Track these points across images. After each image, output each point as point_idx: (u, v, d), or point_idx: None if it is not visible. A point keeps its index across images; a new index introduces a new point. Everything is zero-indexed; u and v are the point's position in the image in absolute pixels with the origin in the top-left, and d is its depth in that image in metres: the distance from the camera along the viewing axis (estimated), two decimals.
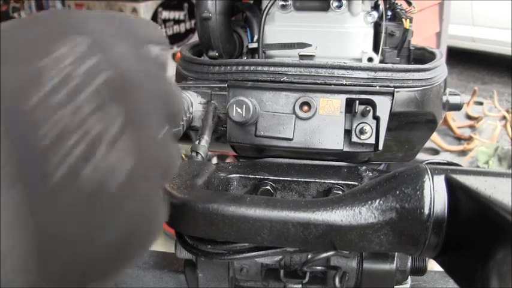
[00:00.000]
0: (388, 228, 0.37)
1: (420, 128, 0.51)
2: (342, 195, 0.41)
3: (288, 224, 0.39)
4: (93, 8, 4.08)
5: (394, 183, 0.38)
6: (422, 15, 2.63)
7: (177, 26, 4.02)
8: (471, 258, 0.35)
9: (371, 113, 0.47)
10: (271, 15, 0.55)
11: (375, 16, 0.55)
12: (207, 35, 0.55)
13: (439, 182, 0.37)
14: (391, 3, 0.57)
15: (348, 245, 0.39)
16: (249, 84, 0.48)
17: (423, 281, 0.67)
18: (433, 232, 0.36)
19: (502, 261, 0.31)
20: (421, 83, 0.47)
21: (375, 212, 0.38)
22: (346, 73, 0.47)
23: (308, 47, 0.54)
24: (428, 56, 0.56)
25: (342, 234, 0.38)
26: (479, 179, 0.35)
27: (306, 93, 0.47)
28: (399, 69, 0.47)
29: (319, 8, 0.55)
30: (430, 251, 0.37)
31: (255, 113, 0.47)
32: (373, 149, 0.47)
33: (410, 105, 0.47)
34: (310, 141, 0.47)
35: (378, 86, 0.46)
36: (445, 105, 0.54)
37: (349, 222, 0.38)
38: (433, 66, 0.48)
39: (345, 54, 0.55)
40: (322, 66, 0.47)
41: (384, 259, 0.51)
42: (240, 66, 0.48)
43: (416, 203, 0.36)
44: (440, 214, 0.36)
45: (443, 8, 2.88)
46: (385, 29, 0.55)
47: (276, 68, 0.47)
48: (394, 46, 0.56)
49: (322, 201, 0.40)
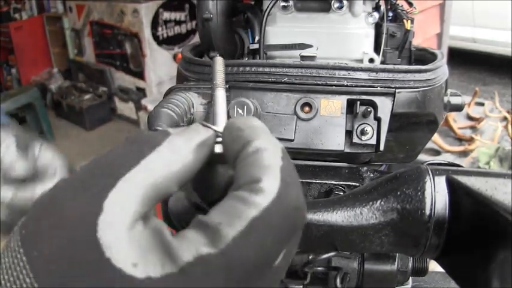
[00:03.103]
0: (389, 229, 0.37)
1: (421, 129, 0.51)
2: (343, 196, 0.41)
3: None
4: (93, 8, 4.07)
5: (395, 184, 0.38)
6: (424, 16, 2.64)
7: (178, 26, 4.03)
8: (472, 259, 0.35)
9: (372, 113, 0.47)
10: (273, 16, 0.55)
11: (376, 17, 0.55)
12: (208, 36, 0.55)
13: (440, 183, 0.37)
14: (392, 4, 0.57)
15: (349, 245, 0.39)
16: (250, 85, 0.48)
17: (424, 281, 0.67)
18: (434, 233, 0.36)
19: (503, 262, 0.31)
20: (422, 84, 0.47)
21: (376, 212, 0.38)
22: (347, 74, 0.47)
23: (309, 47, 0.54)
24: (430, 56, 0.56)
25: (343, 235, 0.38)
26: (480, 180, 0.35)
27: (307, 94, 0.47)
28: (400, 70, 0.47)
29: (320, 8, 0.55)
30: (431, 251, 0.37)
31: (256, 114, 0.47)
32: (374, 150, 0.47)
33: (412, 106, 0.47)
34: (311, 142, 0.47)
35: (379, 87, 0.46)
36: (446, 106, 0.54)
37: (350, 223, 0.38)
38: (434, 67, 0.48)
39: (346, 55, 0.55)
40: (323, 67, 0.47)
41: (385, 260, 0.51)
42: (241, 67, 0.48)
43: (418, 204, 0.36)
44: (442, 215, 0.36)
45: (444, 9, 2.88)
46: (386, 29, 0.55)
47: (277, 69, 0.47)
48: (395, 47, 0.56)
49: (324, 202, 0.40)
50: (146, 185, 0.23)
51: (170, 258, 0.21)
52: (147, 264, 0.21)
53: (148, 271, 0.21)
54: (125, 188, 0.22)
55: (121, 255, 0.20)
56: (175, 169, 0.24)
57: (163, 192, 0.24)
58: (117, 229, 0.21)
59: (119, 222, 0.21)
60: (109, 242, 0.21)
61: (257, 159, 0.24)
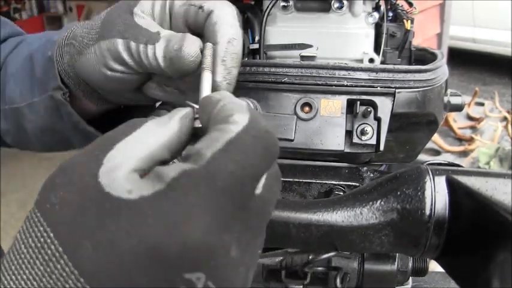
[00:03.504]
0: (389, 229, 0.38)
1: (421, 129, 0.51)
2: (343, 196, 0.41)
3: (289, 224, 0.39)
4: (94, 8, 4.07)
5: (395, 184, 0.38)
6: (424, 16, 2.64)
7: None
8: (472, 259, 0.35)
9: (372, 114, 0.47)
10: (272, 16, 0.55)
11: (376, 17, 0.55)
12: None
13: (440, 183, 0.37)
14: (392, 4, 0.57)
15: (349, 245, 0.39)
16: (250, 85, 0.48)
17: (424, 281, 0.67)
18: (434, 233, 0.36)
19: (503, 262, 0.31)
20: (422, 84, 0.47)
21: (376, 212, 0.38)
22: (347, 74, 0.47)
23: (309, 47, 0.54)
24: (430, 56, 0.56)
25: (343, 235, 0.38)
26: (481, 180, 0.35)
27: (307, 94, 0.47)
28: (400, 70, 0.47)
29: (320, 8, 0.55)
30: (431, 251, 0.37)
31: None
32: (374, 150, 0.47)
33: (412, 106, 0.47)
34: (311, 142, 0.47)
35: (379, 87, 0.46)
36: (446, 106, 0.54)
37: (350, 223, 0.38)
38: (434, 67, 0.48)
39: (346, 55, 0.55)
40: (323, 67, 0.47)
41: (385, 260, 0.52)
42: (241, 67, 0.48)
43: (418, 204, 0.36)
44: (442, 215, 0.36)
45: (444, 9, 2.88)
46: (386, 29, 0.55)
47: (277, 69, 0.47)
48: (395, 47, 0.56)
49: (324, 202, 0.40)
50: (139, 148, 0.27)
51: (158, 178, 0.25)
52: (140, 189, 0.25)
53: (141, 192, 0.24)
54: (120, 148, 0.26)
55: (118, 187, 0.25)
56: (163, 137, 0.28)
57: (156, 158, 0.28)
58: (115, 174, 0.25)
59: (117, 169, 0.25)
60: (108, 182, 0.25)
61: (226, 107, 0.28)
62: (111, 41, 0.43)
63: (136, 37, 0.43)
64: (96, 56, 0.45)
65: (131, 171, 0.26)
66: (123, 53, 0.43)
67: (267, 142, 0.27)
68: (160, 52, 0.42)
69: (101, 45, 0.44)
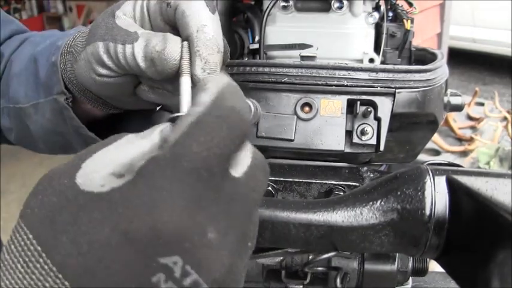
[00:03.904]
0: (389, 229, 0.38)
1: (421, 129, 0.51)
2: (343, 196, 0.41)
3: (289, 224, 0.39)
4: (94, 8, 4.08)
5: (396, 184, 0.38)
6: (424, 16, 2.64)
7: None
8: (472, 259, 0.35)
9: (372, 114, 0.47)
10: (272, 16, 0.55)
11: (376, 17, 0.55)
12: None
13: (440, 183, 0.37)
14: (392, 4, 0.57)
15: (349, 245, 0.39)
16: (250, 85, 0.48)
17: (424, 281, 0.67)
18: (434, 233, 0.36)
19: (503, 262, 0.31)
20: (422, 84, 0.47)
21: (376, 212, 0.38)
22: (348, 74, 0.47)
23: (309, 47, 0.54)
24: (430, 56, 0.56)
25: (343, 235, 0.38)
26: (481, 180, 0.35)
27: (307, 94, 0.47)
28: (400, 70, 0.47)
29: (320, 8, 0.55)
30: (431, 251, 0.37)
31: (256, 114, 0.47)
32: (374, 150, 0.47)
33: (412, 106, 0.47)
34: (311, 142, 0.47)
35: (379, 87, 0.46)
36: (446, 106, 0.54)
37: (351, 223, 0.38)
38: (434, 67, 0.48)
39: (346, 55, 0.55)
40: (323, 67, 0.47)
41: (385, 260, 0.52)
42: (241, 67, 0.48)
43: (418, 204, 0.36)
44: (442, 215, 0.36)
45: (444, 9, 2.88)
46: (386, 29, 0.56)
47: (277, 69, 0.47)
48: (395, 47, 0.56)
49: (324, 202, 0.40)
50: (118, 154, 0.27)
51: (129, 170, 0.26)
52: (112, 183, 0.25)
53: (112, 185, 0.25)
54: (100, 155, 0.27)
55: (92, 183, 0.26)
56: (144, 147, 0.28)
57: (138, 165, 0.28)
58: (92, 175, 0.26)
59: (94, 172, 0.26)
60: (84, 182, 0.26)
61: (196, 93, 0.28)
62: (94, 45, 0.43)
63: (114, 38, 0.42)
64: (85, 62, 0.45)
65: (109, 174, 0.26)
66: (103, 56, 0.42)
67: (231, 120, 0.27)
68: (140, 52, 0.41)
69: (87, 51, 0.44)
